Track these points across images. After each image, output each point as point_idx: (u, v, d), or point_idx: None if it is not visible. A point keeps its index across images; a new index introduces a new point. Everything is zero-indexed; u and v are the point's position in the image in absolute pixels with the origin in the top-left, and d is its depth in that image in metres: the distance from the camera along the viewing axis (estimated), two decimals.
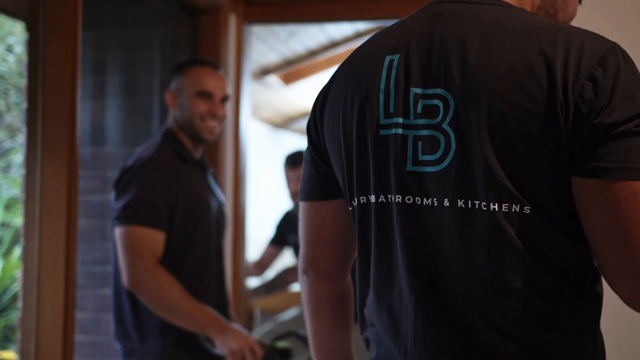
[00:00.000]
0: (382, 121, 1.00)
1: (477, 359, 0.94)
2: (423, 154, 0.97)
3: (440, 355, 0.95)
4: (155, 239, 2.05)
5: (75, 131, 1.98)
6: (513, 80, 0.91)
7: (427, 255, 0.97)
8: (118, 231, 2.05)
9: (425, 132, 0.97)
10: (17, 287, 4.32)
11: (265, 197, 5.33)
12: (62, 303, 1.93)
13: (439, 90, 0.96)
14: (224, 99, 2.25)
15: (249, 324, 3.68)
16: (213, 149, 2.78)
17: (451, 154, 0.94)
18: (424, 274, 0.97)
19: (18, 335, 2.68)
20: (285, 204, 3.91)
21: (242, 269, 3.02)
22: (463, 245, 0.94)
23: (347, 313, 1.24)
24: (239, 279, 2.96)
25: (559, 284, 0.93)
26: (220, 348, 2.03)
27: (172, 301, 2.01)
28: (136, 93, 3.01)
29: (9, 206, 5.35)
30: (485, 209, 0.92)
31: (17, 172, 5.72)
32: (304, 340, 2.99)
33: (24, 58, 5.86)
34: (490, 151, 0.91)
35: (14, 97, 6.01)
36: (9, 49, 5.90)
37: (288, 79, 4.67)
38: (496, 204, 0.91)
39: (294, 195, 3.51)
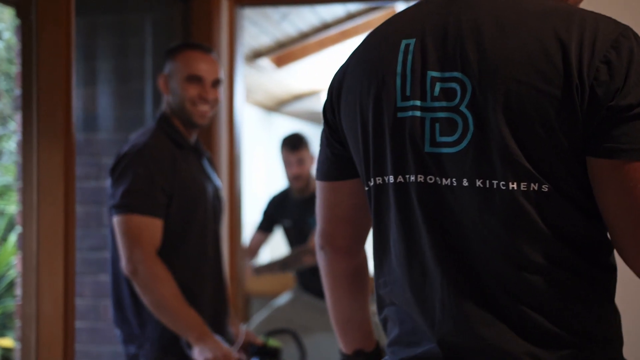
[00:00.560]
0: (399, 104, 1.03)
1: (503, 329, 0.97)
2: (441, 135, 1.00)
3: (468, 325, 0.99)
4: (153, 227, 2.05)
5: (70, 117, 1.97)
6: (529, 63, 0.94)
7: (449, 232, 1.00)
8: (116, 220, 2.05)
9: (442, 114, 0.99)
10: (12, 274, 4.31)
11: (259, 181, 5.32)
12: (62, 290, 1.93)
13: (456, 74, 0.98)
14: (216, 82, 2.23)
15: (245, 308, 3.70)
16: (207, 133, 2.77)
17: (469, 136, 0.97)
18: (449, 250, 1.00)
19: (16, 322, 2.68)
20: (277, 187, 3.90)
21: (238, 254, 3.03)
22: (483, 223, 0.97)
23: (364, 284, 1.30)
24: (235, 264, 2.97)
25: (577, 257, 0.97)
26: (196, 355, 2.03)
27: (162, 298, 2.01)
28: (128, 78, 2.99)
29: (1, 193, 5.33)
30: (504, 188, 0.95)
31: (9, 159, 5.70)
32: (296, 337, 3.01)
33: (13, 44, 5.81)
34: (508, 132, 0.94)
35: (3, 84, 5.97)
36: None
37: (280, 62, 4.65)
38: (515, 183, 0.95)
39: (293, 179, 3.50)
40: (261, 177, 5.43)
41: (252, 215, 3.83)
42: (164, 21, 2.97)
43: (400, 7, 4.16)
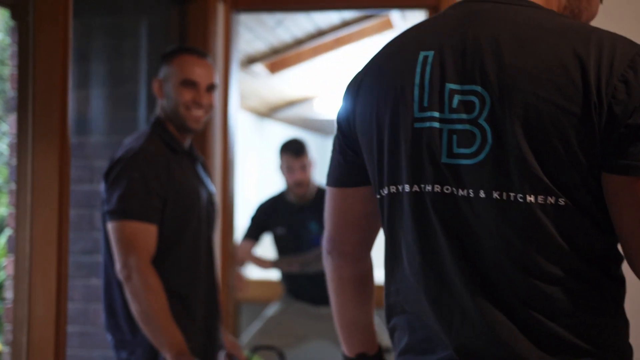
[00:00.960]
0: (417, 114, 1.05)
1: (520, 337, 0.99)
2: (458, 147, 1.02)
3: (488, 332, 1.00)
4: (149, 233, 2.04)
5: (66, 120, 1.96)
6: (548, 79, 0.96)
7: (466, 242, 1.02)
8: (112, 225, 2.03)
9: (460, 126, 1.02)
10: (1, 276, 4.28)
11: (250, 187, 5.32)
12: (54, 293, 1.92)
13: (475, 87, 1.01)
14: (210, 87, 2.22)
15: (235, 315, 3.68)
16: (202, 138, 2.77)
17: (487, 148, 1.00)
18: (466, 259, 1.02)
19: (6, 325, 2.66)
20: (269, 193, 3.87)
21: (230, 260, 3.02)
22: (499, 234, 1.00)
23: (369, 290, 1.32)
24: (227, 270, 2.96)
25: (591, 269, 1.00)
26: None
27: (150, 309, 2.00)
28: (123, 81, 2.98)
29: None
30: (521, 200, 0.98)
31: (0, 161, 5.66)
32: (282, 356, 3.01)
33: (6, 45, 5.78)
34: (526, 146, 0.97)
35: None
36: None
37: (274, 68, 4.65)
38: (532, 196, 0.97)
39: (295, 185, 3.46)
40: (253, 183, 5.42)
41: (243, 220, 3.81)
42: (160, 24, 2.97)
43: (394, 15, 4.18)
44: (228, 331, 2.40)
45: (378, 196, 1.13)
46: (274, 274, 4.61)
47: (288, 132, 6.02)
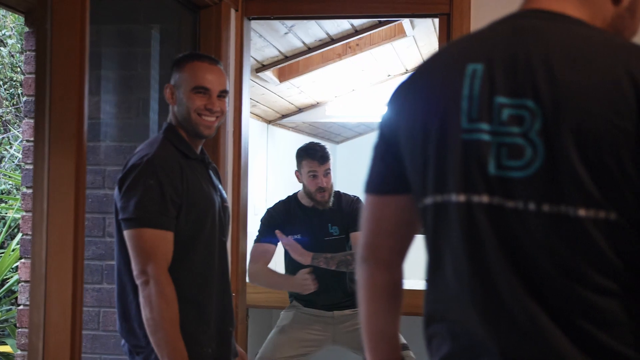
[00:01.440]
0: (465, 126, 1.07)
1: (569, 346, 1.00)
2: (508, 159, 1.03)
3: (539, 340, 1.01)
4: (166, 240, 2.05)
5: (83, 125, 1.98)
6: (601, 96, 0.99)
7: (515, 252, 1.03)
8: (129, 233, 2.04)
9: (510, 139, 1.03)
10: (11, 281, 4.29)
11: (258, 193, 5.33)
12: (70, 298, 1.93)
13: (525, 102, 1.02)
14: (222, 93, 2.23)
15: (246, 321, 3.68)
16: (214, 144, 2.78)
17: (538, 162, 1.01)
18: (515, 269, 1.03)
19: (19, 330, 2.67)
20: (275, 199, 3.85)
21: (242, 266, 3.02)
22: (549, 246, 1.01)
23: (400, 299, 1.33)
24: (239, 276, 2.96)
25: None
26: None
27: (161, 318, 2.00)
28: (135, 88, 3.00)
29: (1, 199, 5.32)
30: (571, 214, 0.99)
31: (9, 165, 5.68)
32: None
33: (17, 51, 5.77)
34: (578, 161, 0.98)
35: (2, 90, 5.96)
36: (1, 42, 5.85)
37: (282, 75, 4.66)
38: (583, 210, 0.99)
39: (318, 191, 3.41)
40: (261, 190, 5.43)
41: (252, 227, 3.80)
42: (173, 31, 2.99)
43: (405, 23, 4.20)
44: (238, 338, 2.41)
45: (420, 205, 1.14)
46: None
47: (296, 139, 6.03)
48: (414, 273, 4.97)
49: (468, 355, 1.08)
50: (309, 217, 3.48)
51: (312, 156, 3.40)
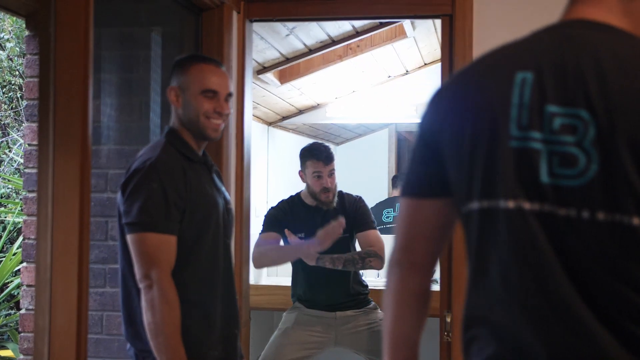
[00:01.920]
0: (515, 133, 1.08)
1: (623, 353, 1.02)
2: (560, 167, 1.05)
3: (587, 345, 1.02)
4: (170, 245, 2.05)
5: (87, 129, 1.97)
6: None
7: (568, 259, 1.05)
8: (132, 237, 2.04)
9: (562, 148, 1.05)
10: (12, 285, 4.28)
11: (259, 195, 5.32)
12: (75, 303, 1.92)
13: (578, 111, 1.04)
14: (228, 96, 2.24)
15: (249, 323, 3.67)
16: (217, 146, 2.77)
17: (592, 171, 1.03)
18: (568, 275, 1.05)
19: (21, 334, 2.66)
20: (279, 200, 3.85)
21: (245, 268, 3.02)
22: (602, 253, 1.03)
23: (428, 305, 1.34)
24: (242, 278, 2.96)
25: None
26: None
27: (163, 323, 2.00)
28: (137, 91, 2.99)
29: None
30: (626, 223, 1.01)
31: (8, 169, 5.67)
32: None
33: (14, 55, 5.75)
34: (633, 170, 1.00)
35: (0, 93, 5.95)
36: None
37: (283, 77, 4.66)
38: (638, 219, 1.01)
39: (322, 191, 3.41)
40: (262, 191, 5.42)
41: (255, 228, 3.79)
42: (175, 34, 2.98)
43: (406, 24, 4.19)
44: (242, 340, 2.40)
45: (464, 209, 1.16)
46: (286, 280, 4.60)
47: (296, 140, 6.02)
48: None
49: (514, 357, 1.09)
50: (313, 216, 3.49)
51: (317, 157, 3.40)
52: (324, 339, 3.52)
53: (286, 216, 3.55)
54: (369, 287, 3.66)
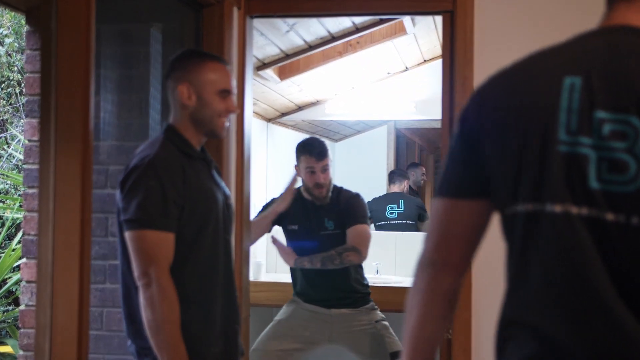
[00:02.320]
0: (563, 138, 1.09)
1: None
2: (609, 173, 1.06)
3: (630, 348, 1.04)
4: (168, 242, 2.05)
5: (89, 125, 1.96)
6: None
7: (615, 263, 1.06)
8: (130, 235, 2.03)
9: (612, 154, 1.06)
10: (11, 281, 4.27)
11: (259, 191, 5.32)
12: (77, 299, 1.92)
13: (629, 117, 1.05)
14: (234, 95, 2.27)
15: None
16: (217, 143, 2.76)
17: None
18: (614, 280, 1.06)
19: (22, 332, 2.65)
20: (276, 196, 3.86)
21: (245, 264, 3.01)
22: None
23: (454, 306, 1.34)
24: (242, 274, 2.96)
25: None
26: None
27: (163, 321, 2.00)
28: (137, 87, 2.98)
29: None
30: None
31: (7, 165, 5.66)
32: None
33: (12, 50, 5.73)
34: None
35: None
36: None
37: (283, 73, 4.65)
38: None
39: (316, 187, 3.44)
40: (261, 188, 5.42)
41: None
42: (175, 30, 2.97)
43: (406, 21, 4.19)
44: (242, 336, 2.40)
45: (508, 212, 1.16)
46: (285, 277, 4.61)
47: (295, 137, 6.02)
48: (409, 272, 4.96)
49: (553, 357, 1.09)
50: (307, 210, 3.51)
51: (309, 152, 3.42)
52: (318, 335, 3.53)
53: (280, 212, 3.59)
54: (382, 285, 3.69)
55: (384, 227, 5.50)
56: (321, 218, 3.50)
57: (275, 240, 3.53)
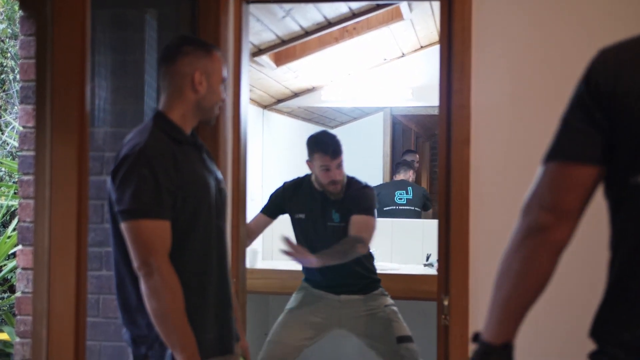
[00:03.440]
0: None
1: None
2: None
3: None
4: (164, 230, 2.05)
5: (85, 111, 1.95)
6: None
7: None
8: (127, 225, 2.02)
9: None
10: (6, 269, 4.26)
11: (254, 178, 5.31)
12: (74, 286, 1.91)
13: None
14: None
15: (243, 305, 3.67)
16: (214, 130, 2.76)
17: None
18: None
19: (18, 319, 2.65)
20: (273, 184, 3.86)
21: (242, 251, 3.01)
22: None
23: (553, 271, 1.25)
24: (239, 261, 2.95)
25: None
26: None
27: (168, 308, 2.01)
28: (132, 73, 2.97)
29: None
30: None
31: (0, 152, 5.62)
32: None
33: (5, 36, 5.68)
34: None
35: None
36: None
37: (279, 59, 4.63)
38: None
39: (331, 184, 3.42)
40: (257, 174, 5.41)
41: (251, 212, 3.80)
42: (171, 16, 2.95)
43: (403, 7, 4.16)
44: (239, 323, 2.40)
45: (633, 181, 1.11)
46: (281, 264, 4.60)
47: (291, 124, 6.00)
48: (413, 259, 5.00)
49: None
50: (316, 200, 3.51)
51: (324, 150, 3.40)
52: (328, 321, 3.55)
53: (286, 200, 3.61)
54: (378, 272, 3.68)
55: (392, 212, 5.52)
56: (329, 209, 3.50)
57: (289, 252, 3.26)
